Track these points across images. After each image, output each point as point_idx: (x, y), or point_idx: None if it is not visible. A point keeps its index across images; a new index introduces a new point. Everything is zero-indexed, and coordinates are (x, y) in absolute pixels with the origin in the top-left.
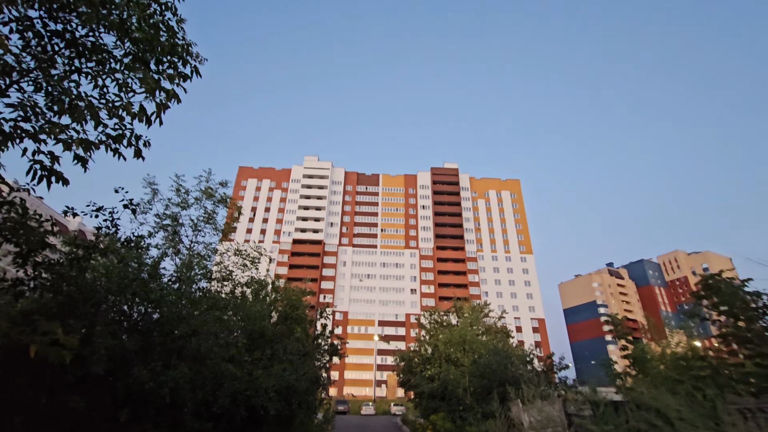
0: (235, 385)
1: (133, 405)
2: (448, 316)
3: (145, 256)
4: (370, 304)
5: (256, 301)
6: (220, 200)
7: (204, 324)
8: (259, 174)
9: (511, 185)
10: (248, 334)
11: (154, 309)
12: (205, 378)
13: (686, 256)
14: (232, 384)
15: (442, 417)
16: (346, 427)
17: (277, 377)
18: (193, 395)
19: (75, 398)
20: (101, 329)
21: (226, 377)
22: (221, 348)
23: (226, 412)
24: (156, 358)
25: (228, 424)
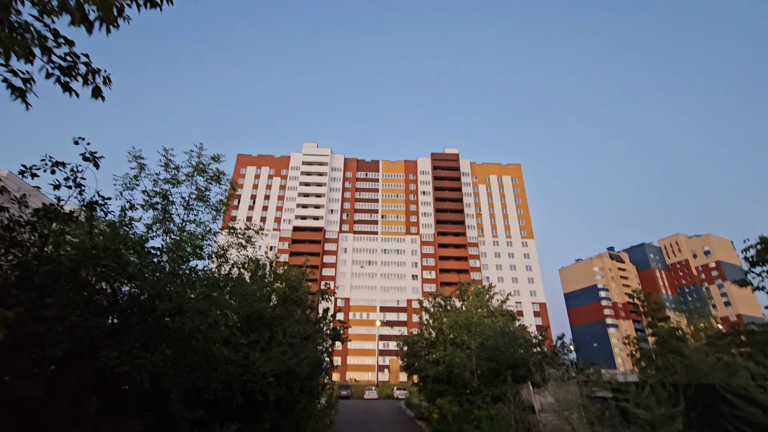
0: (230, 370)
1: (105, 392)
2: (452, 301)
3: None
4: (372, 290)
5: (254, 282)
6: (213, 177)
7: (190, 301)
8: (257, 161)
9: (512, 170)
10: (245, 315)
11: (135, 286)
12: (194, 362)
13: (687, 239)
14: (225, 368)
15: (449, 401)
16: (350, 411)
17: (277, 361)
18: (179, 380)
19: (29, 384)
20: (54, 301)
21: (218, 361)
22: (211, 328)
23: (221, 399)
24: (133, 340)
25: (224, 412)
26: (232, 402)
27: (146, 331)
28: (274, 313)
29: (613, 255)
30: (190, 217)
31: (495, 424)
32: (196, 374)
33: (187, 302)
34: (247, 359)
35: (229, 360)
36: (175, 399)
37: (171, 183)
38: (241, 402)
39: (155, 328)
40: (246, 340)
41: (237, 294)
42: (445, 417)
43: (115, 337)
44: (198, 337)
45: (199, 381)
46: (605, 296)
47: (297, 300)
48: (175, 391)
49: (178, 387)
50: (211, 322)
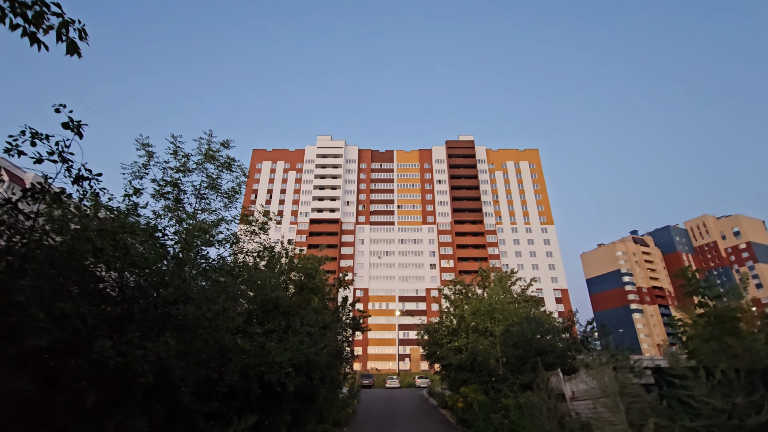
0: (245, 360)
1: (106, 386)
2: (474, 287)
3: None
4: (390, 280)
5: (269, 270)
6: (224, 164)
7: (196, 288)
8: (272, 156)
9: (530, 155)
10: (261, 304)
11: (140, 273)
12: (204, 352)
13: (716, 220)
14: (240, 359)
15: (474, 389)
16: (373, 401)
17: (294, 351)
18: (188, 372)
19: (14, 379)
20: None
21: (232, 351)
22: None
23: (239, 390)
24: (134, 329)
25: (242, 403)
26: (250, 393)
27: (148, 320)
28: (290, 302)
29: (637, 239)
30: (202, 205)
31: (525, 413)
32: (209, 365)
33: (192, 289)
34: (263, 349)
35: (244, 350)
36: (187, 392)
37: (181, 171)
38: (258, 393)
39: (159, 316)
40: (261, 329)
41: (251, 282)
42: (470, 406)
43: (116, 327)
44: (205, 325)
45: (212, 372)
46: (629, 281)
47: (314, 288)
48: (186, 384)
49: (189, 379)
50: (218, 309)
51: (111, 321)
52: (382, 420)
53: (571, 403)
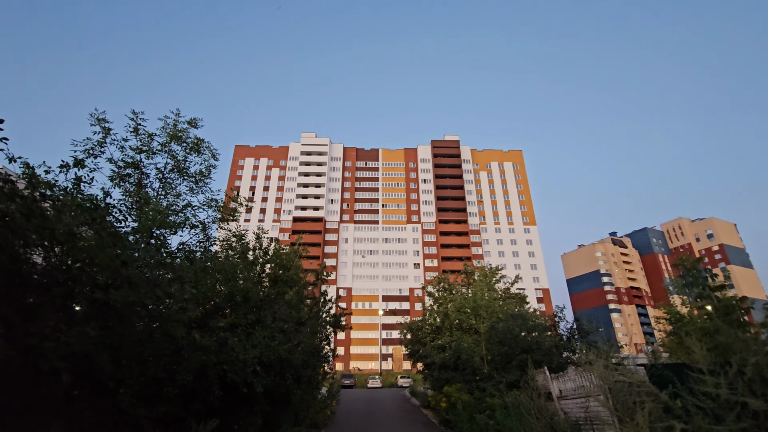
0: (202, 357)
1: (12, 388)
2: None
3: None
4: (374, 279)
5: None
6: (192, 146)
7: (135, 271)
8: (255, 152)
9: (514, 156)
10: (229, 296)
11: (66, 252)
12: (145, 346)
13: (690, 223)
14: (196, 356)
15: (458, 388)
16: (353, 401)
17: (264, 348)
18: (123, 369)
19: None
20: None
21: (187, 347)
22: (160, 303)
23: (199, 391)
24: (46, 317)
25: (203, 406)
26: (210, 395)
27: (67, 308)
28: (262, 295)
29: (616, 240)
30: (166, 189)
31: (512, 413)
32: (157, 363)
33: (138, 274)
34: (225, 345)
35: (201, 346)
36: (127, 393)
37: (143, 152)
38: (220, 395)
39: (85, 303)
40: (224, 322)
41: (218, 271)
42: (453, 405)
43: (31, 316)
44: (141, 314)
45: (161, 371)
46: (608, 281)
47: (288, 281)
48: (126, 384)
49: (130, 379)
50: (160, 295)
51: (27, 309)
52: (363, 421)
53: (559, 402)
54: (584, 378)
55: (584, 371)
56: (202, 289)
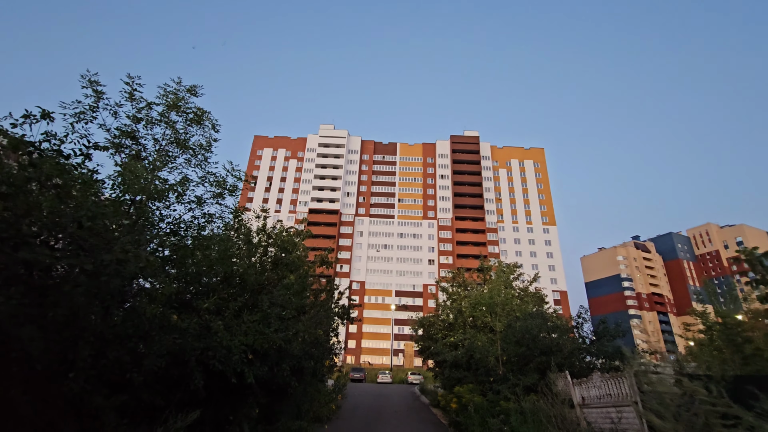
0: (176, 341)
1: None
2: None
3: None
4: (387, 274)
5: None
6: (193, 118)
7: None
8: (274, 143)
9: (535, 154)
10: (224, 278)
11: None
12: (90, 323)
13: (719, 229)
14: (169, 339)
15: (470, 389)
16: (361, 395)
17: (256, 334)
18: (58, 347)
19: None
20: None
21: (155, 328)
22: (106, 269)
23: (179, 379)
24: None
25: (188, 396)
26: (191, 383)
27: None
28: (260, 278)
29: (639, 244)
30: (163, 162)
31: (528, 419)
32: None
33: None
34: (207, 329)
35: (177, 328)
36: (79, 378)
37: (139, 121)
38: (201, 384)
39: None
40: (208, 303)
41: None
42: (465, 407)
43: None
44: (80, 281)
45: (123, 353)
46: (629, 286)
47: (289, 264)
48: (79, 368)
49: (83, 362)
50: (109, 261)
51: None
52: (369, 417)
53: (582, 410)
54: (613, 385)
55: (613, 378)
56: (192, 268)
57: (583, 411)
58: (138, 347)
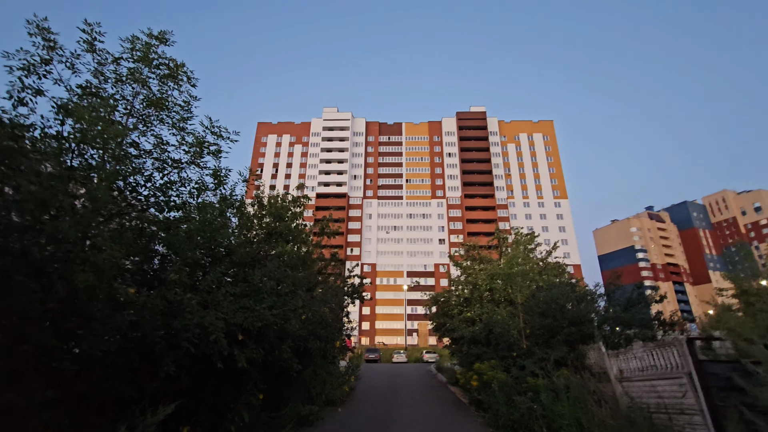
0: (126, 319)
1: None
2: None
3: None
4: (398, 255)
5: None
6: (167, 75)
7: None
8: (278, 129)
9: (544, 127)
10: (207, 250)
11: None
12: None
13: (736, 195)
14: (115, 317)
15: (492, 365)
16: (376, 376)
17: (247, 312)
18: None
19: None
20: None
21: (97, 303)
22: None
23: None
24: None
25: (167, 384)
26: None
27: None
28: (252, 250)
29: (653, 214)
30: (141, 128)
31: (561, 397)
32: (40, 322)
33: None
34: (176, 305)
35: (131, 303)
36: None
37: (102, 75)
38: (171, 370)
39: None
40: (180, 276)
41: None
42: (487, 385)
43: None
44: None
45: (48, 336)
46: (643, 257)
47: (284, 233)
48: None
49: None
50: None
51: None
52: (385, 399)
53: (621, 384)
54: (660, 356)
55: (659, 347)
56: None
57: (623, 384)
58: (75, 328)
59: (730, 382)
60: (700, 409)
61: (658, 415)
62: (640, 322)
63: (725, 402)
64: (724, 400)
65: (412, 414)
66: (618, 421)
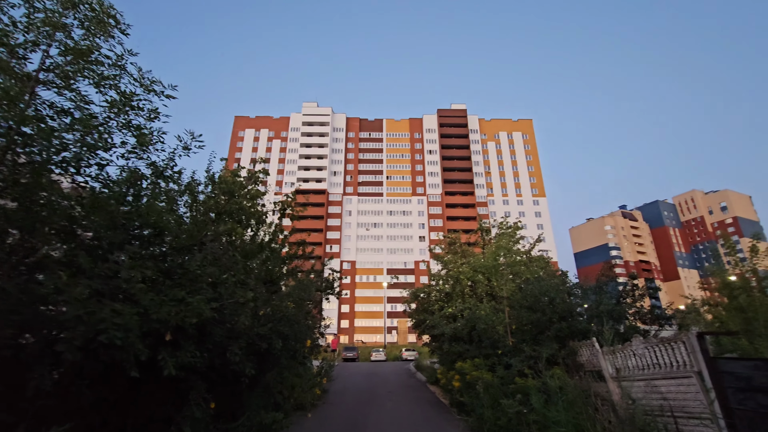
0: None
1: None
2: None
3: None
4: (378, 252)
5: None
6: (94, 20)
7: None
8: (256, 123)
9: (523, 125)
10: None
11: None
12: None
13: (704, 195)
14: None
15: (475, 364)
16: (353, 375)
17: (176, 304)
18: None
19: None
20: None
21: None
22: None
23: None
24: None
25: (59, 401)
26: (30, 383)
27: None
28: (191, 230)
29: (626, 213)
30: (60, 88)
31: (558, 400)
32: None
33: None
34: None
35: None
36: None
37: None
38: (48, 383)
39: None
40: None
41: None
42: (470, 386)
43: None
44: None
45: None
46: (617, 255)
47: (233, 211)
48: None
49: None
50: None
51: None
52: (360, 400)
53: (618, 383)
54: (663, 352)
55: (662, 344)
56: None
57: (621, 385)
58: None
59: (750, 383)
60: (712, 412)
61: (662, 418)
62: (634, 316)
63: (744, 405)
64: (742, 403)
65: (389, 417)
66: (624, 429)
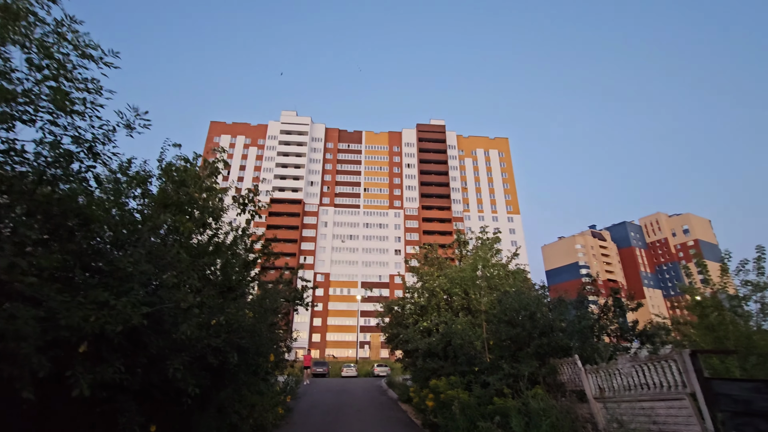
0: None
1: None
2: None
3: None
4: (353, 265)
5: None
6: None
7: None
8: (232, 130)
9: (500, 144)
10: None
11: None
12: None
13: (667, 218)
14: None
15: (450, 382)
16: (321, 392)
17: (96, 308)
18: None
19: None
20: None
21: None
22: None
23: None
24: None
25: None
26: None
27: None
28: (124, 220)
29: (595, 233)
30: None
31: (543, 423)
32: None
33: None
34: None
35: None
36: None
37: None
38: None
39: None
40: None
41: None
42: (444, 405)
43: None
44: None
45: None
46: (586, 273)
47: (182, 202)
48: None
49: None
50: None
51: None
52: (326, 420)
53: (600, 403)
54: (653, 371)
55: (651, 362)
56: None
57: (606, 406)
58: None
59: (749, 407)
60: None
61: None
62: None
63: (742, 430)
64: (740, 429)
65: None
66: None
